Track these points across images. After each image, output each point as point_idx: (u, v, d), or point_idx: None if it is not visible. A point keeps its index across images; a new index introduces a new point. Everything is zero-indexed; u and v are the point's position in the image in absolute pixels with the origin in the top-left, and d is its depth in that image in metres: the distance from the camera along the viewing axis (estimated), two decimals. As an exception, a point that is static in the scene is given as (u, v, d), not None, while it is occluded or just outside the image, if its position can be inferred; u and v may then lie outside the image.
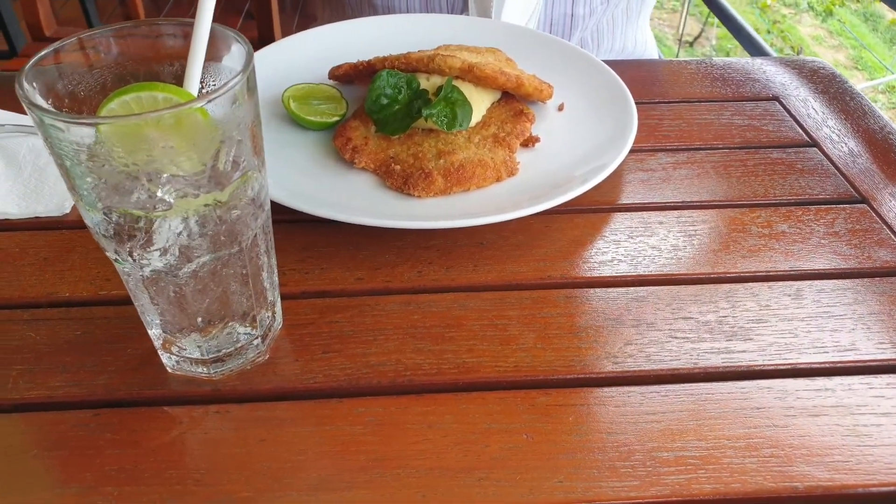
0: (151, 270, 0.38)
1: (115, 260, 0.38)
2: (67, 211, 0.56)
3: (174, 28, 0.38)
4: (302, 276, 0.51)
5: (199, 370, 0.43)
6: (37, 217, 0.56)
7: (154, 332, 0.42)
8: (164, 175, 0.34)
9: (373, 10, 0.93)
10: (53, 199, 0.57)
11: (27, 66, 0.34)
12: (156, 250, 0.37)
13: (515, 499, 0.37)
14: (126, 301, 0.48)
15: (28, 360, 0.44)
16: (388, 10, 0.93)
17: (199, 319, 0.41)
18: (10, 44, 2.09)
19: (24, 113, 0.65)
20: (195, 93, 0.38)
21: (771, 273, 0.51)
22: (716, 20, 3.44)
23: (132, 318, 0.47)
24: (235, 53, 0.38)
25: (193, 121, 0.34)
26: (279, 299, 0.45)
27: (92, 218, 0.36)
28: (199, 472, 0.38)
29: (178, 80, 0.40)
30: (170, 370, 0.43)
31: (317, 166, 0.60)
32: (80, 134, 0.32)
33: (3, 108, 0.65)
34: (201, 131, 0.35)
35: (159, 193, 0.35)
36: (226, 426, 0.40)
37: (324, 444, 0.40)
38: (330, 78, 0.69)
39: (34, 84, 0.34)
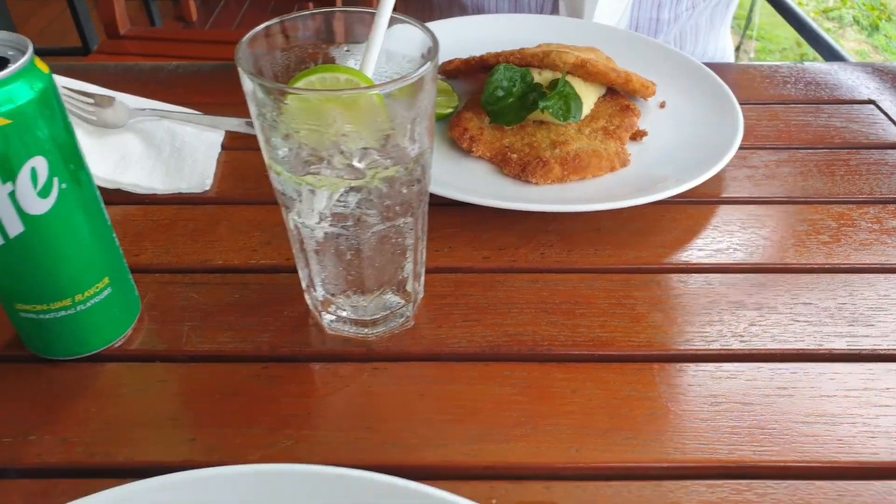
0: (326, 234, 0.42)
1: (302, 224, 0.42)
2: (208, 188, 0.60)
3: (358, 16, 0.42)
4: (433, 253, 0.54)
5: (355, 331, 0.46)
6: (180, 193, 0.60)
7: (316, 294, 0.46)
8: (357, 147, 0.38)
9: (462, 11, 0.97)
10: (194, 178, 0.61)
11: (243, 42, 0.38)
12: (337, 216, 0.40)
13: (662, 456, 0.40)
14: (275, 270, 0.52)
15: (195, 317, 0.48)
16: (477, 11, 0.96)
17: (363, 284, 0.44)
18: (85, 42, 2.17)
19: (143, 97, 0.70)
20: (371, 75, 0.41)
21: (886, 265, 0.53)
22: (754, 32, 3.42)
23: (283, 286, 0.50)
24: (416, 42, 0.41)
25: (371, 102, 0.37)
26: (424, 271, 0.49)
27: (284, 183, 0.40)
28: (367, 420, 0.41)
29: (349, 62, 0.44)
30: (327, 330, 0.47)
31: (436, 155, 0.64)
32: (287, 104, 0.36)
33: (122, 91, 0.70)
34: (386, 110, 0.38)
35: (354, 163, 0.38)
36: (385, 382, 0.44)
37: (477, 402, 0.43)
38: (439, 73, 0.73)
39: (245, 59, 0.38)
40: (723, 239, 0.56)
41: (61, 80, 0.70)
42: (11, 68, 0.34)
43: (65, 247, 0.40)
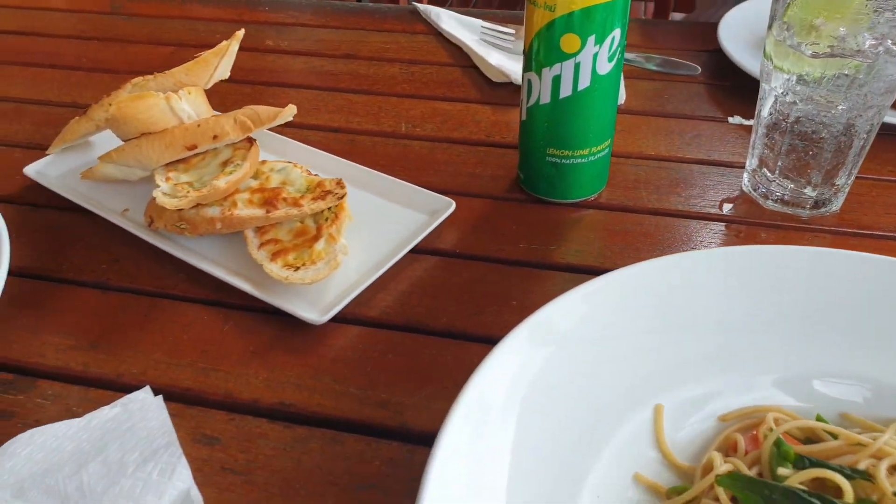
0: (803, 116, 0.52)
1: (782, 105, 0.52)
2: (621, 102, 0.73)
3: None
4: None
5: (790, 210, 0.56)
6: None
7: (764, 175, 0.56)
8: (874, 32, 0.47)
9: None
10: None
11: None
12: (822, 99, 0.50)
13: None
14: (700, 162, 0.63)
15: (649, 188, 0.60)
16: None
17: (812, 169, 0.54)
18: None
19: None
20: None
21: None
22: None
23: (710, 174, 0.61)
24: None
25: None
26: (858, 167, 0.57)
27: (775, 68, 0.50)
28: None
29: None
30: (763, 206, 0.57)
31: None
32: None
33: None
34: None
35: (865, 48, 0.48)
36: (821, 242, 0.53)
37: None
38: None
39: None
40: None
41: (477, 21, 0.86)
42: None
43: (604, 104, 0.53)
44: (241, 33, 0.59)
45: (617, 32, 0.50)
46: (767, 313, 0.41)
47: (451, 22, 0.86)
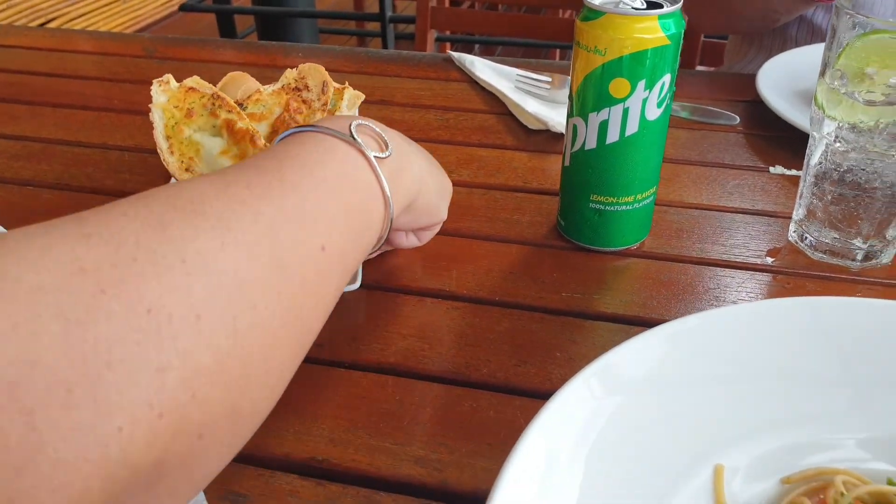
0: (855, 165, 0.50)
1: (834, 154, 0.50)
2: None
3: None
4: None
5: (838, 262, 0.54)
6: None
7: (813, 225, 0.54)
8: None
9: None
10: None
11: None
12: (873, 149, 0.49)
13: None
14: (745, 212, 0.61)
15: (696, 237, 0.58)
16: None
17: (861, 219, 0.52)
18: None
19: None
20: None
21: None
22: None
23: (753, 223, 0.59)
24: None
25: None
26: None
27: (825, 117, 0.49)
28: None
29: None
30: (812, 257, 0.55)
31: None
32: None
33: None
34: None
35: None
36: (874, 295, 0.51)
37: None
38: None
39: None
40: None
41: (513, 69, 0.86)
42: (678, 4, 0.47)
43: (651, 150, 0.52)
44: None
45: (667, 78, 0.48)
46: (860, 368, 0.39)
47: (486, 70, 0.86)
